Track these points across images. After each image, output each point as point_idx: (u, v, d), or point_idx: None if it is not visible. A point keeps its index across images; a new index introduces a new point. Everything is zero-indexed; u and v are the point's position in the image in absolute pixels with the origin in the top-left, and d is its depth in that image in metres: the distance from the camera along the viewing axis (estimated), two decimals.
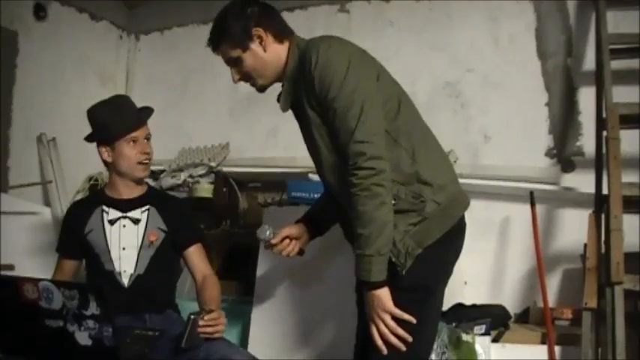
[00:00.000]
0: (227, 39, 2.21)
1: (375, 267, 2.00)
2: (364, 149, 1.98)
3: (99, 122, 2.68)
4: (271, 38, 2.20)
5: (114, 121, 2.65)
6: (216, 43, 2.24)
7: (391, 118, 2.10)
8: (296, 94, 2.19)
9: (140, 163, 2.69)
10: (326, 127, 2.10)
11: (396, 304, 2.04)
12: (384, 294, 2.01)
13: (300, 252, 2.45)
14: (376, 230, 1.98)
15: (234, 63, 2.23)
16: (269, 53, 2.20)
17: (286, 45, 2.22)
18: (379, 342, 2.03)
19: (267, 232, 2.39)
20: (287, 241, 2.42)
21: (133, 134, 2.66)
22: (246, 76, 2.25)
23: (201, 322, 2.32)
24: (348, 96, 2.02)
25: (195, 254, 2.76)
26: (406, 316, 2.02)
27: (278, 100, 2.28)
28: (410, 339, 2.02)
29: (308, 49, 2.12)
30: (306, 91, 2.11)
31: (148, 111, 2.75)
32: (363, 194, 1.97)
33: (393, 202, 2.04)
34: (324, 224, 2.50)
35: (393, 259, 2.04)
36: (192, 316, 2.33)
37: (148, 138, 2.72)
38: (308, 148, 2.27)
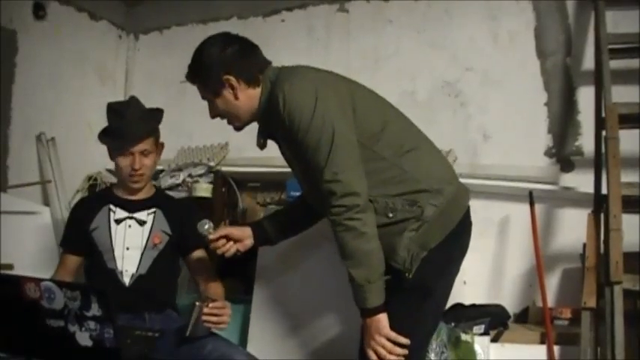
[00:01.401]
0: (200, 81, 2.28)
1: (369, 294, 2.04)
2: (334, 188, 2.03)
3: (107, 126, 2.69)
4: (244, 85, 2.21)
5: (113, 133, 2.65)
6: (191, 80, 2.31)
7: (375, 135, 2.13)
8: (271, 130, 2.24)
9: (131, 176, 2.68)
10: (302, 161, 2.15)
11: (398, 302, 2.06)
12: (381, 319, 2.06)
13: (237, 253, 2.46)
14: (359, 261, 2.03)
15: (209, 102, 2.30)
16: (241, 99, 2.23)
17: (261, 86, 2.23)
18: None
19: (206, 227, 2.44)
20: (224, 240, 2.44)
21: (128, 149, 2.64)
22: (221, 116, 2.31)
23: (205, 310, 2.32)
24: (316, 133, 2.05)
25: (198, 259, 2.77)
26: (402, 339, 2.05)
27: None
28: (405, 352, 2.06)
29: (275, 88, 2.14)
30: (281, 127, 2.14)
31: (148, 126, 2.69)
32: (340, 229, 2.03)
33: (390, 214, 2.08)
34: (274, 236, 2.54)
35: (399, 267, 2.05)
36: (197, 304, 2.33)
37: (145, 153, 2.67)
38: (294, 174, 2.33)
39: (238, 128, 2.34)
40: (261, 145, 2.32)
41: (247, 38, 2.32)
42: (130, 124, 2.63)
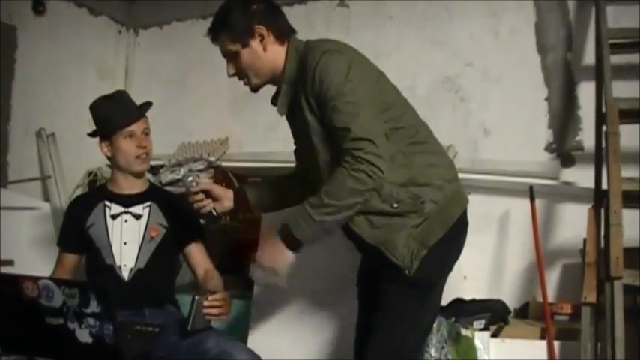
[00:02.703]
0: (228, 32, 2.21)
1: (307, 230, 2.01)
2: (362, 145, 1.97)
3: (98, 117, 2.73)
4: (272, 38, 2.19)
5: (111, 115, 2.69)
6: (216, 33, 2.24)
7: (393, 122, 2.12)
8: (294, 98, 2.19)
9: (138, 157, 2.70)
10: (324, 131, 2.10)
11: (398, 297, 2.06)
12: (287, 251, 2.04)
13: (212, 212, 2.44)
14: (336, 207, 1.98)
15: (232, 57, 2.23)
16: (268, 53, 2.20)
17: (286, 46, 2.21)
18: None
19: (190, 179, 2.44)
20: (202, 195, 2.42)
21: (130, 128, 2.68)
22: (241, 73, 2.25)
23: (205, 303, 2.33)
24: (348, 93, 2.02)
25: (196, 250, 2.78)
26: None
27: (272, 103, 2.29)
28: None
29: (308, 52, 2.13)
30: (305, 94, 2.11)
31: (145, 105, 2.77)
32: (350, 174, 1.96)
33: (395, 205, 2.07)
34: (254, 205, 2.52)
35: (397, 262, 2.05)
36: (196, 297, 2.33)
37: (146, 132, 2.73)
38: (301, 152, 2.30)
39: (256, 87, 2.28)
40: (282, 112, 2.26)
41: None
42: (130, 104, 2.74)
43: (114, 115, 2.68)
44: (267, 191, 2.55)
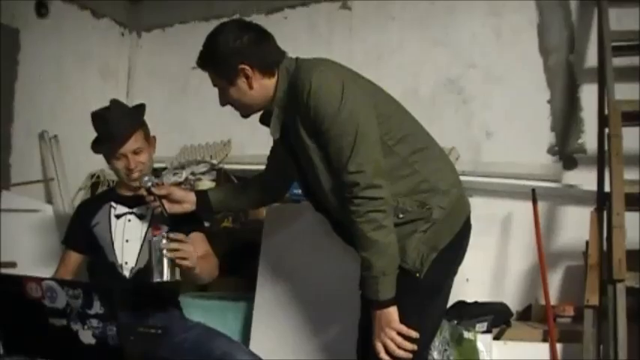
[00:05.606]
0: (213, 68, 2.22)
1: (382, 287, 2.03)
2: (357, 179, 2.01)
3: (96, 133, 2.71)
4: (259, 74, 2.17)
5: (102, 137, 2.67)
6: (203, 66, 2.25)
7: (392, 132, 2.12)
8: (287, 119, 2.19)
9: (128, 175, 2.69)
10: (324, 153, 2.11)
11: (405, 302, 2.07)
12: (391, 312, 2.05)
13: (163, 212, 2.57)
14: (377, 253, 2.02)
15: (220, 90, 2.25)
16: (255, 89, 2.18)
17: (275, 76, 2.19)
18: (386, 358, 2.05)
19: (146, 178, 2.56)
20: (152, 197, 2.56)
21: (120, 151, 2.64)
22: (232, 104, 2.26)
23: (164, 243, 2.35)
24: (342, 124, 2.03)
25: (195, 237, 2.72)
26: (413, 333, 2.04)
27: (261, 122, 2.31)
28: (415, 347, 2.05)
29: (299, 75, 2.11)
30: (301, 117, 2.10)
31: (130, 123, 2.66)
32: (360, 220, 2.02)
33: (401, 215, 2.08)
34: (215, 206, 2.63)
35: (408, 267, 2.06)
36: (153, 239, 2.38)
37: (136, 152, 2.66)
38: (299, 172, 2.29)
39: (246, 116, 2.30)
40: (275, 135, 2.24)
41: (261, 26, 2.26)
42: (114, 126, 2.62)
43: (103, 137, 2.65)
44: (230, 193, 2.66)
